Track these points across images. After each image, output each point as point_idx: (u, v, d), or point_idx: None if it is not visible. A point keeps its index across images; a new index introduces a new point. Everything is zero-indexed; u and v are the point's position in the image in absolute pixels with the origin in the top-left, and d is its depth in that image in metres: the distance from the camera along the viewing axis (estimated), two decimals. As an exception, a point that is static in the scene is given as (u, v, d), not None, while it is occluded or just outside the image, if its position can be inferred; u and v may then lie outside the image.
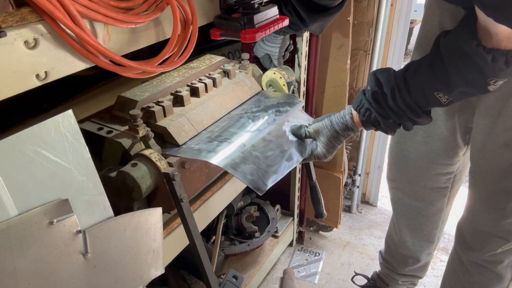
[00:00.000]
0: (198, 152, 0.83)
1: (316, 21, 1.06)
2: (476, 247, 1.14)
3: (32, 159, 0.56)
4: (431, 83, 0.78)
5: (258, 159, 0.87)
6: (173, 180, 0.76)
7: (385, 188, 2.05)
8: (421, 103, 0.81)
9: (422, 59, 0.81)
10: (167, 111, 0.88)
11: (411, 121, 0.84)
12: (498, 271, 1.14)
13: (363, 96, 0.87)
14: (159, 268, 0.79)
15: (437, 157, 1.19)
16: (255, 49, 1.21)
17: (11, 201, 0.54)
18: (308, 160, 0.97)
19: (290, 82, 1.14)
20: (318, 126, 0.94)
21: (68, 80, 0.68)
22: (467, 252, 1.19)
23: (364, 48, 1.69)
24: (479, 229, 1.12)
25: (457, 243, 1.23)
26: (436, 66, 0.77)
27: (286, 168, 0.90)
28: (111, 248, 0.69)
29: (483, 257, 1.14)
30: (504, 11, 0.62)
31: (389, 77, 0.83)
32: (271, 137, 0.94)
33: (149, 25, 0.74)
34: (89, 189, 0.65)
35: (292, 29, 1.08)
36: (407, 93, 0.80)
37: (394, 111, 0.82)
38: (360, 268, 1.76)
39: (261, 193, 0.82)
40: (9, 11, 0.52)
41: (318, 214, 1.19)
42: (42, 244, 0.59)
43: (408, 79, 0.81)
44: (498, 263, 1.13)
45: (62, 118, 0.59)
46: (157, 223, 0.75)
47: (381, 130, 0.89)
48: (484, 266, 1.15)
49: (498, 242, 1.09)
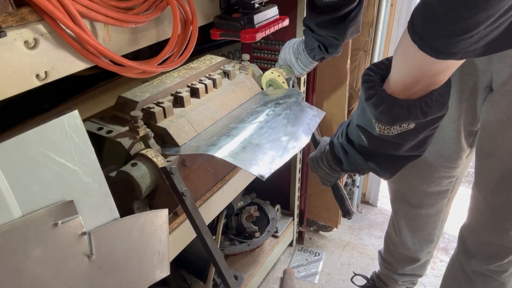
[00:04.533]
0: (197, 148, 0.83)
1: (348, 30, 1.01)
2: (481, 257, 1.11)
3: (37, 160, 0.56)
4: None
5: (258, 147, 0.85)
6: (172, 174, 0.75)
7: (385, 188, 2.05)
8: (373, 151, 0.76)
9: None
10: (167, 112, 0.88)
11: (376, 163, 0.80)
12: (502, 279, 1.12)
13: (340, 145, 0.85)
14: (165, 270, 0.79)
15: (441, 159, 1.16)
16: (283, 58, 1.16)
17: (16, 202, 0.54)
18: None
19: (289, 78, 1.13)
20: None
21: (68, 80, 0.68)
22: (470, 262, 1.15)
23: (364, 48, 1.69)
24: (484, 238, 1.09)
25: (460, 251, 1.20)
26: None
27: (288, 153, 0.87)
28: (116, 250, 0.68)
29: (488, 267, 1.11)
30: None
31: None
32: (271, 127, 0.93)
33: (149, 25, 0.74)
34: (95, 191, 0.64)
35: (330, 52, 1.06)
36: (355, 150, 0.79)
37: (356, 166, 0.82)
38: (360, 268, 1.76)
39: (264, 179, 0.78)
40: (9, 11, 0.52)
41: (345, 212, 1.11)
42: (46, 245, 0.58)
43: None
44: (503, 272, 1.10)
45: (67, 119, 0.58)
46: (163, 224, 0.75)
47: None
48: (488, 276, 1.12)
49: (505, 252, 1.05)
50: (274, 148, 0.86)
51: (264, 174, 0.79)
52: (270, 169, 0.80)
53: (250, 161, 0.80)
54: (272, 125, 0.93)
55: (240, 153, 0.81)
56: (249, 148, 0.84)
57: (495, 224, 1.05)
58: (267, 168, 0.81)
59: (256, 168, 0.79)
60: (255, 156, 0.82)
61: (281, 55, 1.17)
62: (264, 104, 1.00)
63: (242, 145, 0.83)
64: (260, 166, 0.80)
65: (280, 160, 0.84)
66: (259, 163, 0.81)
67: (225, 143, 0.82)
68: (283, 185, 1.70)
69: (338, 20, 0.98)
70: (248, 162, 0.80)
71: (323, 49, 1.05)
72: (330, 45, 1.04)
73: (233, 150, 0.81)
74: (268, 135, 0.89)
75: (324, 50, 1.05)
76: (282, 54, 1.16)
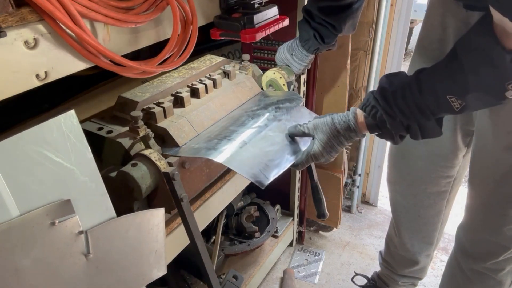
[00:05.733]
0: (197, 150, 0.83)
1: (347, 22, 1.03)
2: (478, 255, 1.12)
3: (34, 159, 0.56)
4: (445, 84, 0.74)
5: (258, 154, 0.85)
6: (173, 180, 0.76)
7: (385, 188, 2.05)
8: (432, 107, 0.76)
9: (439, 61, 0.77)
10: (168, 112, 0.88)
11: (419, 126, 0.80)
12: (499, 278, 1.12)
13: (371, 94, 0.83)
14: (161, 268, 0.79)
15: (437, 158, 1.17)
16: (278, 57, 1.16)
17: (13, 201, 0.54)
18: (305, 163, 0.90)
19: (290, 81, 1.13)
20: (318, 122, 0.89)
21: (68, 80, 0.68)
22: (467, 260, 1.16)
23: (364, 48, 1.69)
24: (480, 236, 1.09)
25: (457, 250, 1.20)
26: (452, 65, 0.73)
27: (288, 162, 0.87)
28: (113, 249, 0.69)
29: (485, 265, 1.11)
30: None
31: (401, 77, 0.80)
32: (272, 133, 0.93)
33: (149, 25, 0.74)
34: (92, 190, 0.64)
35: (326, 42, 1.06)
36: (418, 92, 0.76)
37: (402, 110, 0.78)
38: (360, 268, 1.76)
39: (263, 187, 0.78)
40: (9, 11, 0.52)
41: (320, 214, 1.17)
42: (44, 244, 0.58)
43: (422, 78, 0.77)
44: (500, 270, 1.11)
45: (64, 118, 0.59)
46: (159, 223, 0.75)
47: (386, 134, 0.84)
48: (485, 274, 1.13)
49: (500, 249, 1.06)
50: (273, 155, 0.87)
51: (263, 181, 0.79)
52: (269, 177, 0.81)
53: (250, 167, 0.81)
54: (272, 131, 0.93)
55: (240, 159, 0.81)
56: (249, 154, 0.84)
57: (489, 221, 1.05)
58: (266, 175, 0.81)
59: (255, 175, 0.80)
60: (255, 163, 0.82)
61: (277, 55, 1.17)
62: (265, 107, 1.00)
63: (242, 150, 0.84)
64: (259, 173, 0.81)
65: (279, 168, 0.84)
66: (259, 170, 0.81)
67: (225, 148, 0.83)
68: (283, 185, 1.70)
69: (340, 9, 1.00)
70: (248, 168, 0.80)
71: (319, 39, 1.05)
72: (326, 35, 1.04)
73: (232, 155, 0.81)
74: (268, 141, 0.89)
75: (320, 39, 1.05)
76: (278, 55, 1.17)
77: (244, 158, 0.82)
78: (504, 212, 1.00)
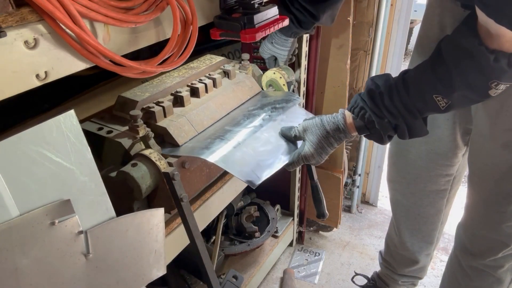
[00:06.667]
0: (191, 149, 0.83)
1: (326, 12, 1.05)
2: (477, 252, 1.13)
3: (33, 159, 0.56)
4: (431, 84, 0.76)
5: (251, 153, 0.85)
6: (173, 180, 0.76)
7: (385, 188, 2.05)
8: (419, 106, 0.79)
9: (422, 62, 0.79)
10: (167, 112, 0.88)
11: (406, 125, 0.82)
12: (498, 275, 1.13)
13: (358, 96, 0.85)
14: (161, 268, 0.79)
15: (436, 157, 1.18)
16: (262, 49, 1.20)
17: (13, 201, 0.54)
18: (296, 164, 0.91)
19: (290, 82, 1.14)
20: (308, 124, 0.90)
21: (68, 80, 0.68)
22: (467, 257, 1.17)
23: (364, 48, 1.69)
24: (478, 233, 1.10)
25: (457, 247, 1.21)
26: (437, 66, 0.75)
27: (281, 161, 0.88)
28: (113, 249, 0.69)
29: (484, 262, 1.12)
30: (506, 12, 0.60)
31: (387, 79, 0.82)
32: (266, 133, 0.93)
33: (149, 25, 0.74)
34: (91, 190, 0.64)
35: (303, 27, 1.08)
36: (405, 93, 0.78)
37: (390, 110, 0.80)
38: (360, 268, 1.76)
39: (254, 187, 0.79)
40: (9, 11, 0.52)
41: (319, 214, 1.17)
42: (43, 244, 0.59)
43: (408, 79, 0.79)
44: (499, 267, 1.11)
45: (64, 118, 0.59)
46: (159, 223, 0.75)
47: (375, 135, 0.86)
48: (485, 271, 1.14)
49: (498, 246, 1.07)
50: (266, 155, 0.87)
51: (254, 180, 0.79)
52: (260, 177, 0.81)
53: (242, 167, 0.81)
54: (267, 131, 0.93)
55: (232, 159, 0.82)
56: (242, 154, 0.84)
57: (488, 218, 1.06)
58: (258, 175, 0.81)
59: (246, 175, 0.80)
60: (247, 163, 0.82)
61: (260, 49, 1.20)
62: (261, 107, 1.01)
63: (235, 150, 0.84)
64: (251, 172, 0.81)
65: (272, 168, 0.85)
66: (250, 170, 0.81)
67: (218, 147, 0.83)
68: (283, 185, 1.70)
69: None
70: (240, 168, 0.81)
71: (296, 23, 1.06)
72: (304, 22, 1.06)
73: (225, 155, 0.82)
74: (262, 142, 0.90)
75: (298, 24, 1.06)
76: (260, 48, 1.20)
77: (236, 158, 0.83)
78: (503, 209, 1.01)
